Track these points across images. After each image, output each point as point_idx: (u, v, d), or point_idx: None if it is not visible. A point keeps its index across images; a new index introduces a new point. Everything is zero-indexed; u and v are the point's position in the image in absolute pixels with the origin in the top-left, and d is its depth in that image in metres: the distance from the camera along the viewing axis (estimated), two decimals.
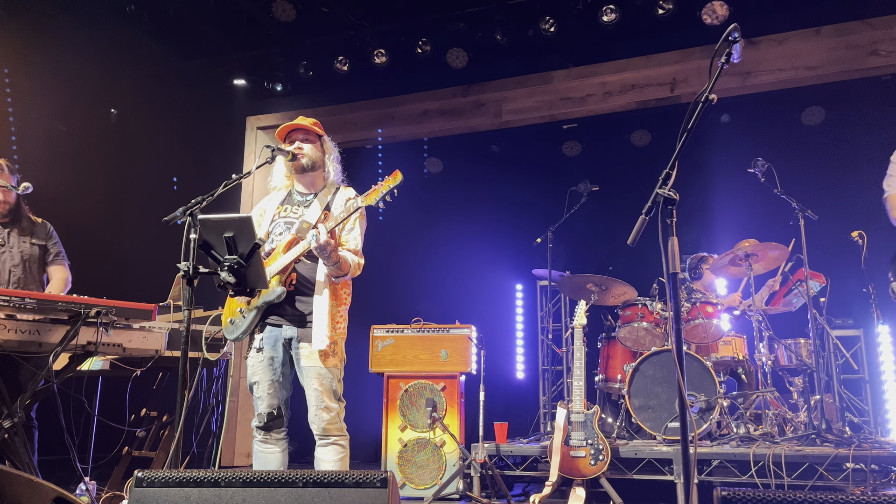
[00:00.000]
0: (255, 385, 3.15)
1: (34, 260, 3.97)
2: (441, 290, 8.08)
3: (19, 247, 3.91)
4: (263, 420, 3.12)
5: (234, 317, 3.17)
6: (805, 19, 5.82)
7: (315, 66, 6.90)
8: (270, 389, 3.12)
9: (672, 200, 2.15)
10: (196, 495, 1.90)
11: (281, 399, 3.16)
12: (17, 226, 3.94)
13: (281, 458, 3.18)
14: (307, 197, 3.31)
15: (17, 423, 3.31)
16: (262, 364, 3.14)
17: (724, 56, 2.27)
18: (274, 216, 3.28)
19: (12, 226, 3.93)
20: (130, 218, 6.91)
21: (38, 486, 1.73)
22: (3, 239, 3.89)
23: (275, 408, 3.13)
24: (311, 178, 3.33)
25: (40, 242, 4.01)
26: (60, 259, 4.06)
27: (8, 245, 3.89)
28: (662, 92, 6.32)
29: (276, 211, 3.30)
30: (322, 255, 2.97)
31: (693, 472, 2.06)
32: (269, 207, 3.35)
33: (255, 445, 3.20)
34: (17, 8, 5.95)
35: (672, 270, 2.14)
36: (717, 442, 4.55)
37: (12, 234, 3.91)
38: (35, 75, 6.47)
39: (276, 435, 3.16)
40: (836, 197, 6.70)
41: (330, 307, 3.07)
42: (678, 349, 2.11)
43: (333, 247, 2.96)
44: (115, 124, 7.47)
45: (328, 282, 3.10)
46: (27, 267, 3.93)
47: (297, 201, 3.31)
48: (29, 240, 3.95)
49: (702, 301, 5.13)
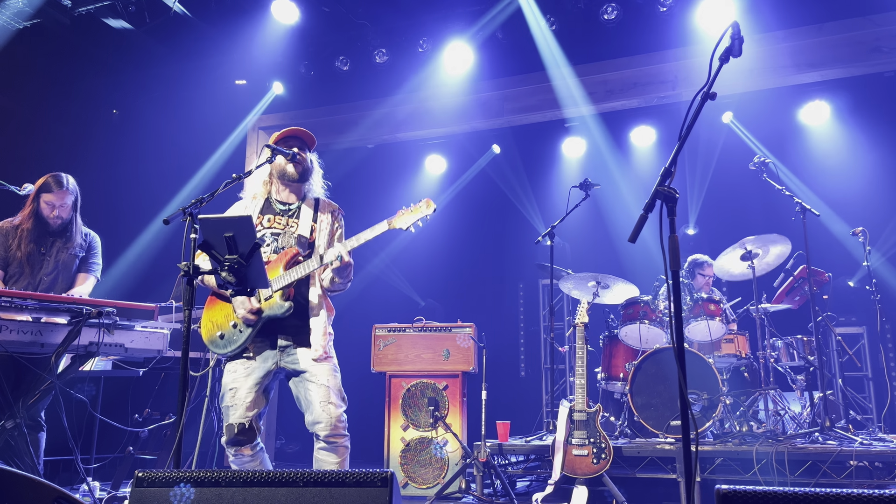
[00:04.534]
0: (233, 392, 3.01)
1: (68, 270, 3.99)
2: (443, 289, 8.09)
3: (57, 256, 3.95)
4: (234, 432, 2.95)
5: (226, 331, 3.05)
6: (808, 16, 5.80)
7: (316, 65, 6.90)
8: (249, 398, 2.99)
9: (673, 198, 2.14)
10: (197, 495, 1.90)
11: (256, 411, 3.02)
12: (64, 237, 3.97)
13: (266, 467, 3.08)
14: (290, 206, 3.23)
15: (19, 423, 3.31)
16: (246, 371, 3.03)
17: (725, 52, 2.26)
18: (255, 225, 3.12)
19: (59, 237, 3.96)
20: (131, 218, 6.93)
21: (40, 486, 1.73)
22: (46, 248, 3.92)
23: (248, 420, 2.98)
24: (297, 188, 3.26)
25: (79, 254, 4.04)
26: (88, 269, 4.07)
27: (49, 254, 3.92)
28: (664, 89, 6.31)
29: (257, 220, 3.17)
30: (341, 274, 3.00)
31: (695, 471, 2.05)
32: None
33: (232, 466, 3.04)
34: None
35: (673, 268, 2.13)
36: (720, 440, 4.54)
37: (56, 244, 3.95)
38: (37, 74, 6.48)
39: (248, 450, 3.00)
40: (839, 194, 6.69)
41: (326, 318, 3.11)
42: (679, 347, 2.10)
43: (352, 266, 3.00)
44: (117, 124, 7.48)
45: (323, 295, 3.13)
46: (58, 276, 3.96)
47: (278, 210, 3.22)
48: (69, 251, 3.98)
49: (704, 299, 5.12)
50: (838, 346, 5.78)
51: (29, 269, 3.86)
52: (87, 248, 4.08)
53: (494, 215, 8.39)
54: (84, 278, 4.03)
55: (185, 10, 6.27)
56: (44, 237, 3.93)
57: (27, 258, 3.85)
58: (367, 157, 7.71)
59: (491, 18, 6.19)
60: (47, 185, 3.88)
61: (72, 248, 3.99)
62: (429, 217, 2.99)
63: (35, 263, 3.89)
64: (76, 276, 4.03)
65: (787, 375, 5.47)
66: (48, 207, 3.89)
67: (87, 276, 4.04)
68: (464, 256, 8.15)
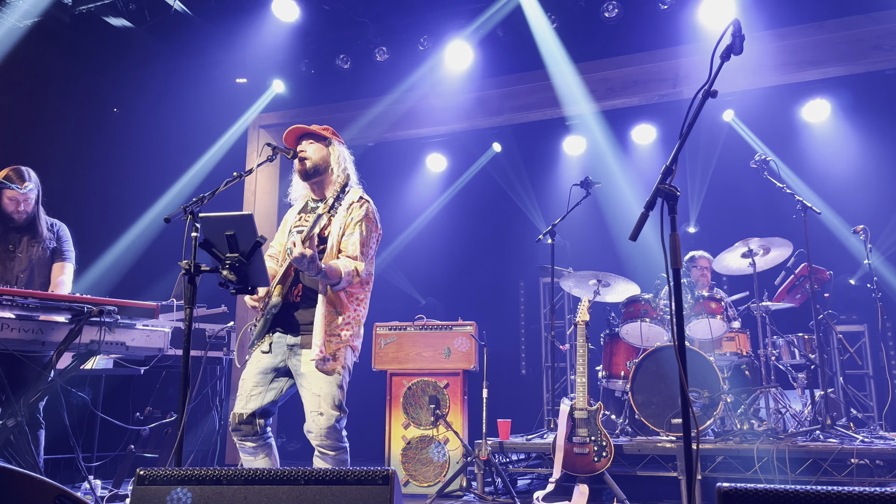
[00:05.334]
0: (242, 381, 3.10)
1: (42, 264, 3.94)
2: (443, 287, 8.09)
3: (28, 251, 3.89)
4: (234, 422, 3.04)
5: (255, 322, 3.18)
6: (808, 13, 5.80)
7: (316, 63, 6.90)
8: (253, 391, 3.04)
9: (673, 196, 2.14)
10: (198, 493, 1.90)
11: (259, 405, 3.04)
12: (31, 231, 3.93)
13: (264, 463, 3.10)
14: (318, 203, 3.24)
15: (20, 421, 3.31)
16: (257, 364, 3.08)
17: (726, 50, 2.25)
18: (291, 227, 3.24)
19: (26, 232, 3.91)
20: (133, 216, 6.93)
21: (41, 484, 1.73)
22: (14, 245, 3.88)
23: (248, 412, 3.03)
24: (320, 183, 3.25)
25: (49, 245, 3.99)
26: (62, 258, 4.01)
27: (18, 250, 3.87)
28: (665, 87, 6.30)
29: (295, 220, 3.25)
30: (301, 267, 2.85)
31: (696, 469, 2.05)
32: (290, 218, 3.32)
33: (240, 453, 3.14)
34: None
35: (673, 266, 2.13)
36: (721, 438, 4.54)
37: (24, 240, 3.90)
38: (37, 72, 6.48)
39: (249, 443, 3.05)
40: (840, 191, 6.68)
41: (327, 315, 3.02)
42: (680, 345, 2.10)
43: (311, 258, 2.80)
44: (117, 122, 7.48)
45: (326, 291, 3.06)
46: (34, 271, 3.91)
47: (310, 208, 3.26)
48: (39, 244, 3.94)
49: (705, 297, 5.12)
50: (839, 344, 5.78)
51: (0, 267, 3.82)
52: (56, 238, 4.02)
53: (495, 213, 8.38)
54: (61, 267, 3.96)
55: (186, 8, 6.28)
56: (9, 233, 3.86)
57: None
58: (367, 155, 7.71)
59: (491, 16, 6.18)
60: (8, 179, 3.76)
61: (41, 241, 3.93)
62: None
63: (6, 261, 3.82)
64: (52, 268, 3.99)
65: (788, 373, 5.47)
66: (12, 203, 3.79)
67: (63, 265, 3.97)
68: (464, 255, 8.15)
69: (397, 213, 7.91)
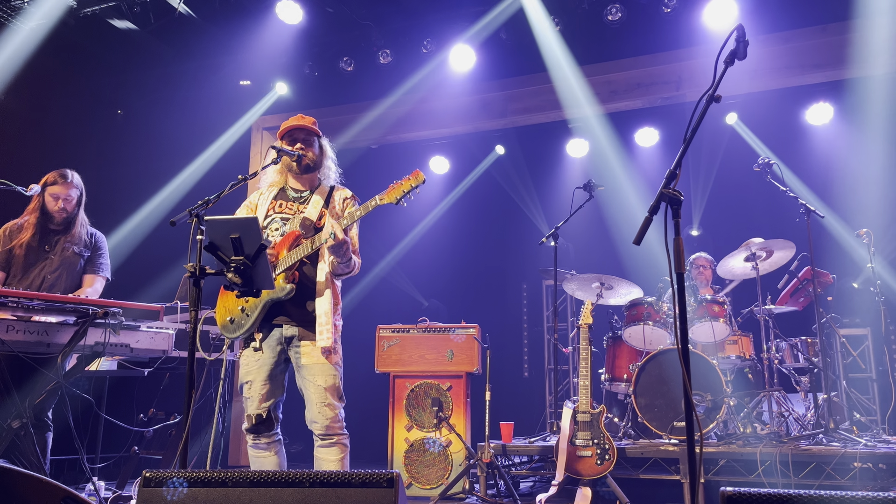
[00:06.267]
0: (248, 384, 3.12)
1: (73, 269, 3.97)
2: (446, 290, 8.09)
3: (62, 254, 3.93)
4: (252, 422, 3.09)
5: (235, 315, 3.13)
6: (812, 16, 5.80)
7: (320, 66, 6.91)
8: (263, 390, 3.09)
9: (677, 200, 2.14)
10: (203, 495, 1.91)
11: (272, 401, 3.12)
12: (68, 234, 3.97)
13: (275, 460, 3.15)
14: (302, 193, 3.31)
15: (25, 423, 3.33)
16: (257, 363, 3.12)
17: (730, 56, 2.26)
18: (268, 211, 3.26)
19: (63, 233, 3.96)
20: (137, 219, 6.95)
21: (47, 485, 1.74)
22: (50, 246, 3.92)
23: (265, 410, 3.09)
24: (310, 177, 3.34)
25: (84, 253, 4.02)
26: (96, 269, 4.04)
27: (52, 252, 3.92)
28: (668, 90, 6.31)
29: (270, 206, 3.28)
30: (337, 253, 2.97)
31: (699, 472, 2.06)
32: (261, 202, 3.32)
33: (250, 450, 3.18)
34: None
35: (677, 270, 2.14)
36: (724, 441, 4.54)
37: (59, 242, 3.94)
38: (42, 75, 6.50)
39: (265, 439, 3.12)
40: (843, 195, 6.67)
41: (332, 306, 3.08)
42: (684, 348, 2.10)
43: (349, 244, 2.98)
44: (121, 124, 7.51)
45: (329, 281, 3.11)
46: (63, 275, 3.93)
47: (291, 197, 3.31)
48: (73, 248, 3.97)
49: (708, 300, 5.12)
50: (842, 348, 5.77)
51: (32, 265, 3.86)
52: (92, 247, 4.06)
53: (498, 216, 8.38)
54: (92, 280, 4.00)
55: (190, 10, 6.30)
56: (47, 234, 3.93)
57: (28, 253, 3.82)
58: (370, 157, 7.72)
59: (494, 18, 6.19)
60: (53, 177, 3.92)
61: (76, 243, 3.97)
62: (418, 189, 2.96)
63: (39, 260, 3.88)
64: (82, 278, 4.01)
65: (791, 377, 5.46)
66: (53, 200, 3.89)
67: (94, 278, 4.02)
68: (467, 257, 8.16)
69: (400, 216, 7.91)
